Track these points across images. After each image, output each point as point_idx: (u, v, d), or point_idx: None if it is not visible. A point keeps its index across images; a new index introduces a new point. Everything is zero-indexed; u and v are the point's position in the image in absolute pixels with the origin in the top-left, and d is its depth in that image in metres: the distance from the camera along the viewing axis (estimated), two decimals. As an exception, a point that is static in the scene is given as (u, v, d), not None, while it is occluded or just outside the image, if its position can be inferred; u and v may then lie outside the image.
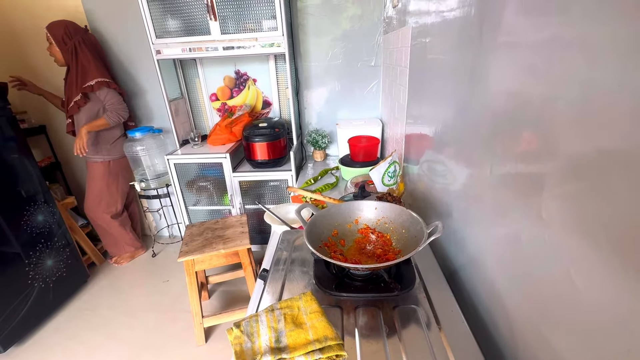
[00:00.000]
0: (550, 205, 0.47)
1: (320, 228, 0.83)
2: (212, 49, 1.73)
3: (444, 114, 0.89)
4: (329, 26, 1.89)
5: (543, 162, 0.48)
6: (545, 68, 0.47)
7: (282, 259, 0.87)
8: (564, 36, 0.43)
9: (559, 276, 0.45)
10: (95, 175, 2.10)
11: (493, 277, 0.65)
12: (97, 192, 2.12)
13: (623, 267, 0.35)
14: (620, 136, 0.34)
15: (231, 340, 0.58)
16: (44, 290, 1.83)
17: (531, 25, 0.50)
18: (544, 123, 0.47)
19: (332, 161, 2.08)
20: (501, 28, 0.58)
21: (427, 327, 0.63)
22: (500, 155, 0.60)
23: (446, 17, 0.84)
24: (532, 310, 0.53)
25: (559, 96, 0.44)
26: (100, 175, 2.09)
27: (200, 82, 2.13)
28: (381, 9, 1.81)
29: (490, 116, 0.63)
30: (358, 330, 0.63)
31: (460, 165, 0.80)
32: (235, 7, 1.65)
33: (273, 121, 1.95)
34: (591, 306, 0.40)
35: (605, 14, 0.36)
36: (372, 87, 2.00)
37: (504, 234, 0.60)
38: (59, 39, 1.82)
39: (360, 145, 1.67)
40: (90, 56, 1.88)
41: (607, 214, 0.37)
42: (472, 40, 0.70)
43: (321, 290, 0.74)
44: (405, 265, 0.78)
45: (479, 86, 0.68)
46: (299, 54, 1.97)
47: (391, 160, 1.20)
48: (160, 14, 1.70)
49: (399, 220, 0.83)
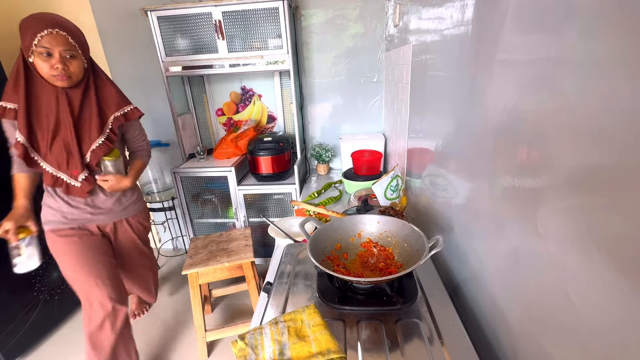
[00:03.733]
0: (546, 220, 0.48)
1: (323, 242, 0.84)
2: (219, 66, 1.78)
3: (445, 129, 0.91)
4: (332, 43, 1.94)
5: (539, 177, 0.49)
6: (540, 85, 0.48)
7: (285, 272, 0.88)
8: (558, 55, 0.44)
9: (556, 291, 0.46)
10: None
11: (494, 292, 0.66)
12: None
13: (617, 283, 0.36)
14: (615, 152, 0.35)
15: (235, 353, 0.59)
16: (49, 303, 1.84)
17: (526, 43, 0.52)
18: (539, 139, 0.49)
19: (335, 175, 2.11)
20: (497, 47, 0.61)
21: (430, 342, 0.64)
22: (498, 170, 0.62)
23: (445, 35, 0.88)
24: (533, 326, 0.53)
25: (553, 112, 0.46)
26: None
27: (207, 98, 2.19)
28: (383, 27, 1.87)
29: (488, 132, 0.65)
30: (361, 343, 0.64)
31: (460, 179, 0.82)
32: (242, 26, 1.72)
33: (277, 135, 1.98)
34: (587, 322, 0.41)
35: (597, 34, 0.38)
36: (374, 102, 2.04)
37: (504, 248, 0.61)
38: (85, 47, 1.15)
39: (363, 159, 1.69)
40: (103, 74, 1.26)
41: (600, 229, 0.38)
42: (470, 57, 0.72)
43: (324, 303, 0.75)
44: (407, 279, 0.78)
45: (478, 102, 0.70)
46: (303, 70, 2.02)
47: (394, 175, 1.22)
48: (170, 33, 1.77)
49: (401, 234, 0.85)
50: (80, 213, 1.25)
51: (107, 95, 1.22)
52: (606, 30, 0.36)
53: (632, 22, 0.33)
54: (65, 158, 1.14)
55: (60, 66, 1.05)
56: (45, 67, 1.04)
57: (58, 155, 1.13)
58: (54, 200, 1.22)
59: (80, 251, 1.26)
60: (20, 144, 1.08)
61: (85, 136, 1.16)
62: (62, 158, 1.14)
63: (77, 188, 1.19)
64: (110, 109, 1.22)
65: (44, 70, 1.05)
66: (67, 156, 1.14)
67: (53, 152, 1.13)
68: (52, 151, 1.12)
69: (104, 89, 1.22)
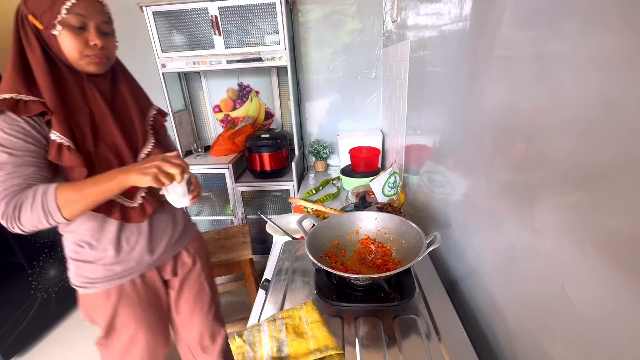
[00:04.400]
0: (542, 216, 0.48)
1: (321, 239, 0.84)
2: (216, 63, 1.77)
3: (443, 126, 0.91)
4: (330, 40, 1.93)
5: (535, 173, 0.49)
6: (537, 81, 0.48)
7: (283, 269, 0.88)
8: (555, 50, 0.44)
9: (553, 287, 0.46)
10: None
11: (492, 288, 0.66)
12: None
13: (612, 279, 0.36)
14: (612, 148, 0.35)
15: (233, 350, 0.59)
16: (46, 301, 1.83)
17: (523, 40, 0.52)
18: (536, 135, 0.49)
19: (333, 171, 2.10)
20: (495, 43, 0.60)
21: (427, 337, 0.64)
22: (496, 167, 0.62)
23: (443, 31, 0.87)
24: (530, 321, 0.53)
25: (550, 109, 0.46)
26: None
27: (204, 94, 2.18)
28: (381, 23, 1.86)
29: (486, 128, 0.65)
30: (358, 340, 0.64)
31: (458, 176, 0.82)
32: (239, 22, 1.70)
33: (275, 132, 1.98)
34: (584, 318, 0.41)
35: (594, 30, 0.37)
36: (372, 98, 2.04)
37: (501, 244, 0.61)
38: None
39: (361, 156, 1.69)
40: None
41: (596, 225, 0.38)
42: (468, 53, 0.72)
43: (322, 300, 0.75)
44: (405, 275, 0.79)
45: (476, 99, 0.70)
46: (300, 66, 2.01)
47: (391, 171, 1.22)
48: (167, 29, 1.75)
49: (398, 230, 0.85)
50: (139, 254, 0.88)
51: (137, 89, 0.94)
52: (604, 25, 0.36)
53: (630, 18, 0.33)
54: (117, 165, 0.80)
55: (99, 42, 0.75)
56: (75, 44, 0.72)
57: (104, 160, 0.79)
58: (91, 247, 0.83)
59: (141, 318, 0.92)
60: (66, 147, 0.72)
61: (133, 136, 0.86)
62: (111, 166, 0.79)
63: (135, 211, 0.84)
64: (145, 105, 0.93)
65: (73, 48, 0.72)
66: (118, 162, 0.81)
67: (100, 155, 0.78)
68: (98, 154, 0.78)
69: (132, 80, 0.93)
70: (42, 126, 0.72)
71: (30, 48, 0.72)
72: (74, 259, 0.86)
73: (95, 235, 0.83)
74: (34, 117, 0.71)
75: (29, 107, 0.69)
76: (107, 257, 0.85)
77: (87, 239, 0.83)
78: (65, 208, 0.68)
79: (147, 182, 0.69)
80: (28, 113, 0.69)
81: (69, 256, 0.87)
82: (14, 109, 0.68)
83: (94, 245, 0.83)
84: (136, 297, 0.91)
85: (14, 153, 0.68)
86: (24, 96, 0.69)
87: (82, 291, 0.88)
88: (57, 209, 0.67)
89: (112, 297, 0.88)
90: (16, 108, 0.68)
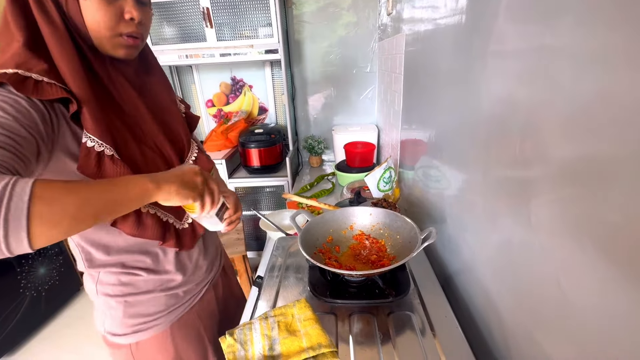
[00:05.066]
0: (538, 210, 0.47)
1: (315, 234, 0.83)
2: (208, 56, 1.73)
3: (438, 120, 0.90)
4: (324, 33, 1.90)
5: (531, 168, 0.48)
6: (533, 75, 0.47)
7: (276, 266, 0.87)
8: (550, 44, 0.43)
9: (549, 282, 0.45)
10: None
11: (486, 283, 0.65)
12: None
13: (609, 273, 0.35)
14: (608, 142, 0.35)
15: (224, 349, 0.58)
16: (36, 299, 1.80)
17: (519, 33, 0.51)
18: (532, 129, 0.48)
19: (328, 167, 2.09)
20: (491, 36, 0.59)
21: (422, 334, 0.63)
22: (492, 161, 0.61)
23: (439, 25, 0.86)
24: (525, 316, 0.53)
25: (546, 104, 0.45)
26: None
27: (196, 89, 2.14)
28: (376, 16, 1.83)
29: (482, 122, 0.64)
30: (352, 337, 0.63)
31: (453, 170, 0.81)
32: (231, 14, 1.66)
33: (269, 127, 1.95)
34: (579, 312, 0.40)
35: (591, 24, 0.37)
36: (367, 93, 2.02)
37: (496, 239, 0.61)
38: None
39: (356, 151, 1.67)
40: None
41: (592, 219, 0.37)
42: (464, 48, 0.71)
43: (316, 297, 0.74)
44: (399, 271, 0.78)
45: (471, 93, 0.68)
46: (294, 60, 1.98)
47: (386, 166, 1.21)
48: (157, 21, 1.71)
49: (393, 226, 0.84)
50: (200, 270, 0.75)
51: (164, 76, 0.72)
52: (602, 19, 0.35)
53: (628, 11, 0.32)
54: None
55: (136, 15, 0.54)
56: (105, 16, 0.52)
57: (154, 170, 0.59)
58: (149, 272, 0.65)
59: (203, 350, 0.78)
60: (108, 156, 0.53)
61: (177, 138, 0.68)
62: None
63: (187, 235, 0.68)
64: (174, 96, 0.73)
65: (102, 22, 0.53)
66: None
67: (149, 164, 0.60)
68: (147, 162, 0.60)
69: (158, 64, 0.71)
70: (53, 116, 0.49)
71: (49, 19, 0.50)
72: (122, 295, 0.63)
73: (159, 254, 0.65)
74: (46, 102, 0.48)
75: (43, 89, 0.47)
76: (173, 280, 0.68)
77: (144, 263, 0.63)
78: (42, 221, 0.37)
79: (184, 199, 0.52)
80: (39, 95, 0.47)
81: (110, 294, 0.63)
82: (19, 87, 0.45)
83: (153, 269, 0.65)
84: (200, 324, 0.75)
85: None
86: (35, 75, 0.47)
87: (133, 339, 0.66)
88: (25, 221, 0.35)
89: (176, 334, 0.70)
90: (22, 86, 0.45)
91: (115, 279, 0.63)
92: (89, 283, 0.65)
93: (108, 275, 0.62)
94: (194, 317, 0.75)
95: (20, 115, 0.45)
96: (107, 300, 0.64)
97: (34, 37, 0.50)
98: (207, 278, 0.78)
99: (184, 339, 0.73)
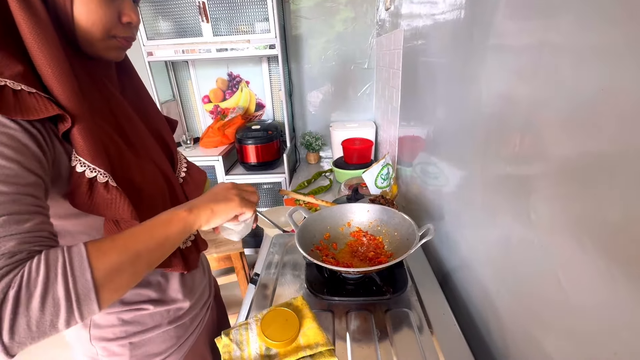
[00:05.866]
0: (538, 207, 0.47)
1: (312, 231, 0.82)
2: (204, 51, 1.71)
3: (436, 117, 0.89)
4: (322, 28, 1.89)
5: (531, 164, 0.48)
6: (533, 71, 0.47)
7: (273, 263, 0.86)
8: (551, 40, 0.43)
9: (548, 278, 0.45)
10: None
11: (484, 280, 0.65)
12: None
13: (608, 270, 0.35)
14: (607, 139, 0.34)
15: (220, 349, 0.57)
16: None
17: (520, 29, 0.50)
18: (532, 126, 0.47)
19: (325, 164, 2.08)
20: (491, 32, 0.58)
21: (419, 331, 0.63)
22: (490, 158, 0.60)
23: (438, 20, 0.85)
24: (523, 313, 0.53)
25: (546, 100, 0.44)
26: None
27: (193, 84, 2.12)
28: (374, 11, 1.82)
29: (481, 119, 0.63)
30: (350, 334, 0.63)
31: (452, 167, 0.80)
32: (228, 9, 1.64)
33: (266, 123, 1.94)
34: (578, 309, 0.40)
35: (591, 20, 0.36)
36: (365, 89, 2.00)
37: (495, 236, 0.60)
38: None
39: (354, 148, 1.66)
40: None
41: (592, 216, 0.37)
42: (463, 43, 0.70)
43: (313, 294, 0.73)
44: (397, 268, 0.77)
45: (470, 89, 0.68)
46: (292, 56, 1.97)
47: (384, 163, 1.20)
48: (152, 15, 1.69)
49: (391, 222, 0.83)
50: (203, 292, 0.69)
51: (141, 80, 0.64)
52: (604, 14, 0.34)
53: (631, 6, 0.31)
54: (168, 197, 0.56)
55: (134, 19, 0.49)
56: (103, 16, 0.45)
57: (156, 190, 0.54)
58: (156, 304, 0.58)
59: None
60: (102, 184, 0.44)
61: (170, 147, 0.64)
62: (164, 197, 0.55)
63: (192, 253, 0.61)
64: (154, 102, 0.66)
65: (99, 21, 0.45)
66: (169, 194, 0.56)
67: (148, 183, 0.52)
68: (146, 181, 0.52)
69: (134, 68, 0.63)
70: (49, 140, 0.41)
71: (29, 9, 0.38)
72: (126, 337, 0.55)
73: (161, 282, 0.57)
74: (35, 122, 0.39)
75: (27, 106, 0.37)
76: (180, 309, 0.60)
77: (148, 296, 0.56)
78: (107, 287, 0.37)
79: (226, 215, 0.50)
80: (25, 114, 0.37)
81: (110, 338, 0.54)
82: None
83: (159, 299, 0.57)
84: (205, 351, 0.69)
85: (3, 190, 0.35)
86: (9, 81, 0.37)
87: None
88: (93, 291, 0.36)
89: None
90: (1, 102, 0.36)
91: (115, 319, 0.54)
92: (77, 331, 0.55)
93: (105, 317, 0.53)
94: (201, 344, 0.69)
95: (22, 156, 0.37)
96: (108, 346, 0.54)
97: (4, 27, 0.39)
98: (209, 298, 0.72)
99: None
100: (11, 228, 0.34)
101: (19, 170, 0.36)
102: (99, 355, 0.55)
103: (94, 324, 0.54)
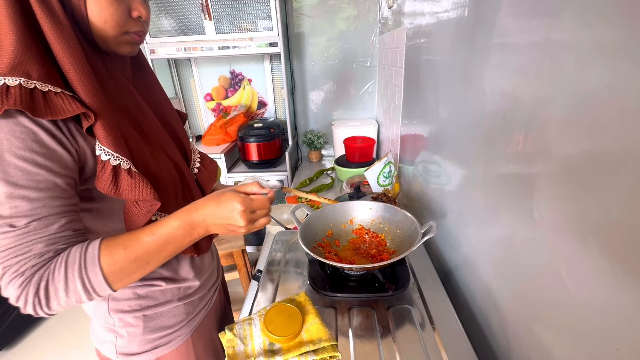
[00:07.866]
0: (541, 205, 0.47)
1: (314, 228, 0.82)
2: (207, 49, 1.71)
3: (439, 115, 0.89)
4: (324, 26, 1.88)
5: (535, 163, 0.48)
6: (536, 70, 0.47)
7: (276, 260, 0.87)
8: (554, 39, 0.43)
9: (550, 276, 0.45)
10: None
11: (487, 277, 0.65)
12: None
13: (611, 268, 0.35)
14: (610, 138, 0.35)
15: (224, 343, 0.58)
16: (35, 293, 1.80)
17: (523, 27, 0.50)
18: (535, 124, 0.47)
19: (327, 162, 2.08)
20: (494, 30, 0.58)
21: (421, 327, 0.63)
22: (493, 156, 0.60)
23: (441, 18, 0.85)
24: (525, 310, 0.53)
25: (550, 98, 0.44)
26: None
27: (195, 82, 2.12)
28: (377, 9, 1.81)
29: (484, 117, 0.63)
30: (352, 330, 0.63)
31: (454, 165, 0.80)
32: (230, 6, 1.64)
33: (268, 121, 1.94)
34: (581, 306, 0.40)
35: (594, 18, 0.36)
36: (367, 87, 2.00)
37: (497, 234, 0.61)
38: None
39: (355, 146, 1.67)
40: None
41: (595, 214, 0.37)
42: (466, 41, 0.70)
43: (315, 291, 0.73)
44: (399, 265, 0.78)
45: (473, 87, 0.68)
46: (294, 54, 1.97)
47: (386, 161, 1.20)
48: (155, 13, 1.69)
49: (393, 220, 0.83)
50: (211, 271, 0.73)
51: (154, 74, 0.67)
52: (608, 12, 0.34)
53: (634, 5, 0.31)
54: (180, 185, 0.60)
55: (145, 14, 0.51)
56: (115, 13, 0.47)
57: (170, 181, 0.57)
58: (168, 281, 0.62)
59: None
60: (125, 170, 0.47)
61: (183, 140, 0.66)
62: (176, 188, 0.59)
63: (205, 239, 0.63)
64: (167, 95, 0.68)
65: (111, 19, 0.47)
66: (181, 183, 0.60)
67: (163, 172, 0.56)
68: (161, 170, 0.55)
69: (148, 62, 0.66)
70: (71, 138, 0.44)
71: (51, 14, 0.42)
72: (140, 310, 0.60)
73: (173, 262, 0.62)
74: (59, 122, 0.43)
75: (55, 105, 0.41)
76: (190, 287, 0.65)
77: (160, 274, 0.61)
78: (117, 281, 0.47)
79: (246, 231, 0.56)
80: (53, 114, 0.40)
81: (126, 310, 0.59)
82: (30, 107, 0.38)
83: (170, 278, 0.62)
84: (212, 330, 0.73)
85: (31, 196, 0.40)
86: (38, 83, 0.40)
87: (152, 355, 0.62)
88: (105, 285, 0.45)
89: (196, 344, 0.68)
90: (32, 105, 0.39)
91: (131, 293, 0.59)
92: (96, 303, 0.59)
93: (122, 290, 0.58)
94: (208, 323, 0.72)
95: (50, 161, 0.41)
96: (124, 317, 0.59)
97: (30, 29, 0.41)
98: (217, 280, 0.76)
99: (203, 349, 0.70)
100: (41, 232, 0.42)
101: (47, 175, 0.41)
102: (116, 327, 0.60)
103: (112, 297, 0.59)
